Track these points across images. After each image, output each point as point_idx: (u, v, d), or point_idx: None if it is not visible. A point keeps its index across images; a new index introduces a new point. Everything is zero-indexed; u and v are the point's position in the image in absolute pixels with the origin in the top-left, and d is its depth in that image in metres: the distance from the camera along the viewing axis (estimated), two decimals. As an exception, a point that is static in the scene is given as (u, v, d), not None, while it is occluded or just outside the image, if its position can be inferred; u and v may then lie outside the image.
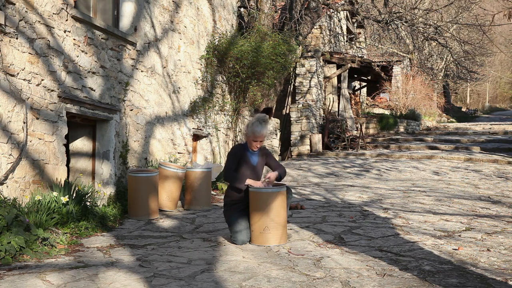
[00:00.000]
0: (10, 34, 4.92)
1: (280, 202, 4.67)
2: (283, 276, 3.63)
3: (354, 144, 15.70)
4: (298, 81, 16.01)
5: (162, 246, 4.65)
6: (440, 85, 31.18)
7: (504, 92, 53.96)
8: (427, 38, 18.17)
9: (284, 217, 4.73)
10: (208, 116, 9.62)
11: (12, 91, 4.95)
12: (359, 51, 22.01)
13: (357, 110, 19.99)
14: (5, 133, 4.86)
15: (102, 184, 6.44)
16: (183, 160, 8.46)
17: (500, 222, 5.62)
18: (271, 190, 4.68)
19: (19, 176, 5.03)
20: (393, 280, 3.52)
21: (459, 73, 30.72)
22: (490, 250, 4.33)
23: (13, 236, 4.06)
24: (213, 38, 9.87)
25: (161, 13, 7.93)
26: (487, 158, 12.57)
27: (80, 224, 5.12)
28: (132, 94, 7.07)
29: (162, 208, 6.60)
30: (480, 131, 18.67)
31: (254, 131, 4.84)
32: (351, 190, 8.32)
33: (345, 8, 18.10)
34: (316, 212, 6.32)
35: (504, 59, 46.30)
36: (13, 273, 3.65)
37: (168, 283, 3.47)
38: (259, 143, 4.90)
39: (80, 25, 5.99)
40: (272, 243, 4.62)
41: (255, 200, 4.72)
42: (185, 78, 8.76)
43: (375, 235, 4.99)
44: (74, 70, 5.87)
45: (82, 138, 6.69)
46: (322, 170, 11.41)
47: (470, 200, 7.30)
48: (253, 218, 4.71)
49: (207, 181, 7.00)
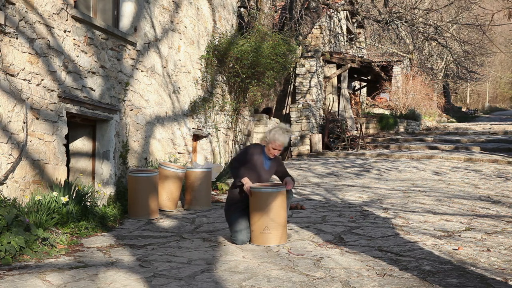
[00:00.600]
0: (10, 34, 4.92)
1: (280, 202, 4.67)
2: (283, 276, 3.63)
3: (354, 144, 15.70)
4: (298, 81, 16.01)
5: (162, 246, 4.65)
6: (440, 85, 31.17)
7: (504, 92, 53.96)
8: (427, 38, 18.18)
9: (284, 217, 4.73)
10: (208, 116, 9.62)
11: (12, 91, 4.95)
12: (359, 51, 22.00)
13: (357, 110, 19.98)
14: (5, 133, 4.86)
15: (102, 184, 6.44)
16: (183, 160, 8.47)
17: (500, 222, 5.62)
18: (271, 190, 4.68)
19: (19, 176, 5.03)
20: (393, 280, 3.53)
21: (459, 73, 30.71)
22: (490, 250, 4.33)
23: (13, 236, 4.06)
24: (213, 38, 9.87)
25: (161, 13, 7.93)
26: (487, 158, 12.57)
27: (80, 224, 5.12)
28: (132, 94, 7.07)
29: (162, 208, 6.60)
30: (480, 131, 18.66)
31: (276, 139, 4.87)
32: (351, 190, 8.31)
33: (345, 8, 18.10)
34: (316, 212, 6.32)
35: (504, 59, 46.29)
36: (13, 273, 3.65)
37: (168, 283, 3.47)
38: (277, 151, 4.93)
39: (80, 25, 5.99)
40: (272, 243, 4.62)
41: (255, 200, 4.71)
42: (185, 78, 8.76)
43: (375, 235, 4.99)
44: (74, 70, 5.87)
45: (82, 138, 6.69)
46: (322, 170, 11.41)
47: (470, 200, 7.30)
48: (253, 218, 4.71)
49: (207, 181, 7.00)
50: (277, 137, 4.86)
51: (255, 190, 4.70)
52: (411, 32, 17.75)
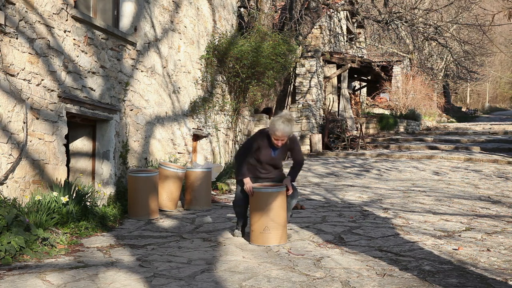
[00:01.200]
0: (10, 34, 4.92)
1: (280, 202, 4.67)
2: (283, 276, 3.63)
3: (354, 144, 15.70)
4: (298, 81, 16.01)
5: (162, 246, 4.65)
6: (440, 85, 31.16)
7: (504, 92, 53.94)
8: (427, 38, 18.18)
9: (284, 217, 4.73)
10: (208, 116, 9.62)
11: (12, 91, 4.95)
12: (359, 51, 22.00)
13: (357, 110, 19.98)
14: (5, 133, 4.86)
15: (102, 184, 6.44)
16: (183, 160, 8.46)
17: (500, 222, 5.62)
18: (271, 190, 4.68)
19: (19, 176, 5.03)
20: (393, 280, 3.52)
21: (459, 73, 30.70)
22: (490, 250, 4.33)
23: (13, 236, 4.06)
24: (213, 38, 9.87)
25: (161, 13, 7.93)
26: (487, 158, 12.57)
27: (80, 224, 5.12)
28: (132, 94, 7.07)
29: (162, 208, 6.60)
30: (480, 131, 18.66)
31: (276, 130, 4.61)
32: (351, 190, 8.31)
33: (345, 8, 18.10)
34: (316, 212, 6.32)
35: (504, 59, 46.28)
36: (13, 273, 3.65)
37: (168, 283, 3.47)
38: (280, 141, 4.69)
39: (80, 25, 5.99)
40: (272, 243, 4.62)
41: (255, 200, 4.71)
42: (185, 78, 8.76)
43: (375, 235, 4.99)
44: (74, 70, 5.87)
45: (82, 138, 6.69)
46: (322, 170, 11.41)
47: (470, 200, 7.30)
48: (253, 218, 4.71)
49: (207, 181, 7.00)
50: (276, 127, 4.59)
51: (256, 190, 4.70)
52: (411, 32, 17.75)
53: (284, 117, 4.63)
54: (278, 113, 4.80)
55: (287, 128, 4.62)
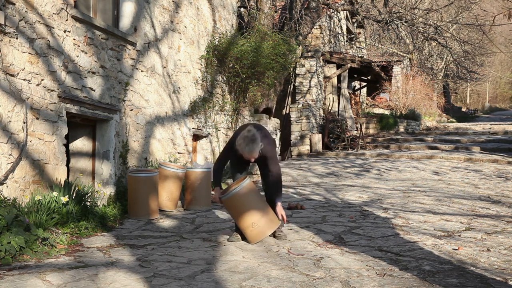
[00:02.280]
0: (10, 34, 4.92)
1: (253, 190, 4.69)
2: (283, 276, 3.63)
3: (354, 144, 15.70)
4: (298, 81, 16.01)
5: (162, 246, 4.65)
6: (440, 85, 31.16)
7: (504, 92, 53.94)
8: (427, 38, 18.18)
9: (261, 205, 4.69)
10: (208, 116, 9.62)
11: (12, 91, 4.95)
12: (359, 51, 22.00)
13: (357, 110, 19.98)
14: (5, 133, 4.86)
15: (102, 184, 6.44)
16: (183, 160, 8.46)
17: (500, 222, 5.62)
18: (239, 188, 4.66)
19: (19, 176, 5.03)
20: (393, 280, 3.52)
21: (459, 73, 30.71)
22: (490, 250, 4.33)
23: (13, 236, 4.06)
24: (213, 38, 9.87)
25: (161, 13, 7.93)
26: (487, 158, 12.57)
27: (80, 224, 5.12)
28: (132, 94, 7.07)
29: (162, 208, 6.60)
30: (480, 131, 18.66)
31: (243, 152, 4.48)
32: (351, 190, 8.31)
33: (345, 8, 18.10)
34: (316, 212, 6.32)
35: (504, 59, 46.28)
36: (13, 273, 3.65)
37: (168, 283, 3.47)
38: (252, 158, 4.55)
39: (80, 25, 5.99)
40: (268, 232, 4.62)
41: (230, 206, 4.75)
42: (185, 78, 8.76)
43: (375, 235, 4.99)
44: (74, 70, 5.87)
45: (82, 138, 6.69)
46: (322, 170, 11.41)
47: (470, 200, 7.30)
48: (239, 222, 4.70)
49: (207, 181, 7.00)
50: (241, 149, 4.46)
51: (224, 198, 4.71)
52: (411, 32, 17.75)
53: (248, 139, 4.43)
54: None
55: (254, 148, 4.44)
